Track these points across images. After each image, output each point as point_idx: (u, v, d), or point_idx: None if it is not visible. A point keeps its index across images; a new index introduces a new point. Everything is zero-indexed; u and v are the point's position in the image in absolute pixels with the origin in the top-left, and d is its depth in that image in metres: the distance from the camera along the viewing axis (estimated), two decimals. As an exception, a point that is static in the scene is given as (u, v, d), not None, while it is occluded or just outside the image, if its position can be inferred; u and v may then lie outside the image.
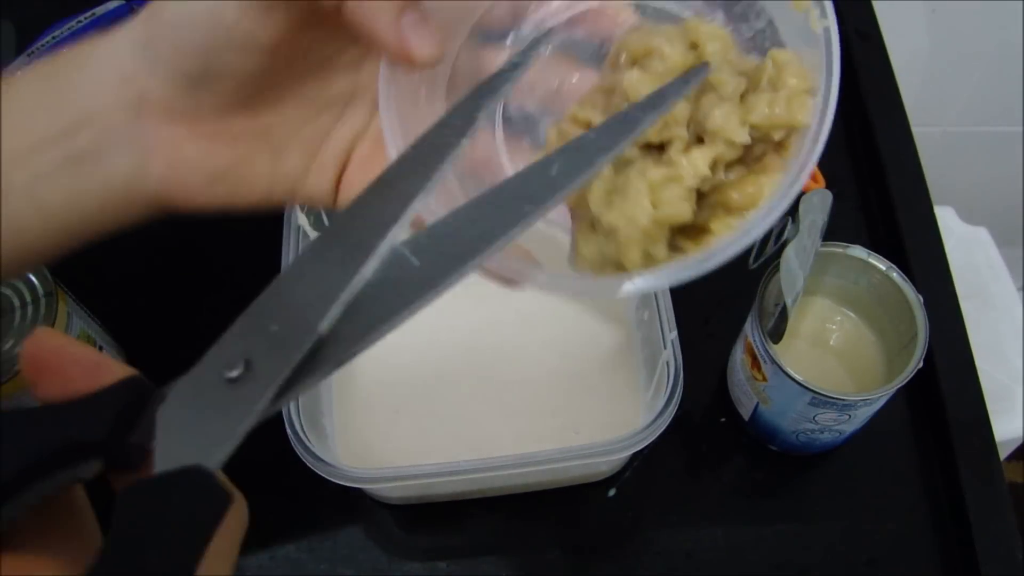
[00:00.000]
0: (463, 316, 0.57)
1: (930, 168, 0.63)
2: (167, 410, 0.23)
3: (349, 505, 0.52)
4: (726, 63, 0.32)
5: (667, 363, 0.47)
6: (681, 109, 0.31)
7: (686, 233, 0.32)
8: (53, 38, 0.63)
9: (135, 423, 0.23)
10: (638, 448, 0.45)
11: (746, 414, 0.53)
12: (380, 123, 0.31)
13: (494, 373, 0.55)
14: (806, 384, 0.46)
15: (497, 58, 0.36)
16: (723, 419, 0.56)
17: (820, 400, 0.46)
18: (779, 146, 0.31)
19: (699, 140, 0.31)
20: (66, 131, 0.29)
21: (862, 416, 0.49)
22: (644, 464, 0.54)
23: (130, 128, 0.29)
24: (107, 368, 0.24)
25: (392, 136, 0.31)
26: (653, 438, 0.45)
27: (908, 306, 0.48)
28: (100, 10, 0.64)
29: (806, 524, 0.52)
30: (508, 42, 0.37)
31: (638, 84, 0.31)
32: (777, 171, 0.31)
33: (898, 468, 0.54)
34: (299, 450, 0.44)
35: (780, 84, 0.30)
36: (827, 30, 0.30)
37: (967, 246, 0.91)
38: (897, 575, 0.51)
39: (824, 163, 0.64)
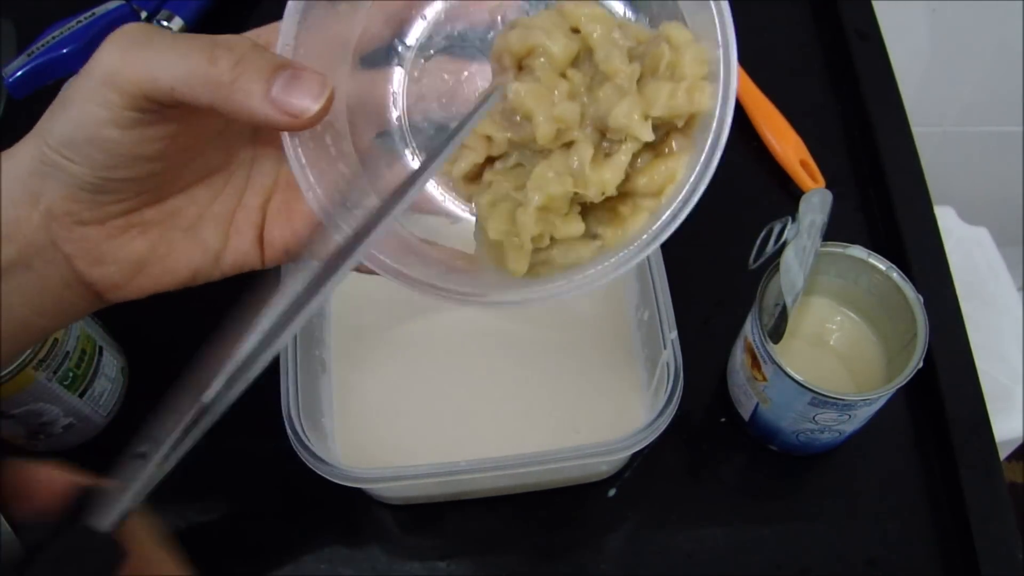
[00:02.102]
0: (463, 316, 0.57)
1: (930, 168, 0.63)
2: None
3: (349, 505, 0.52)
4: (614, 46, 0.31)
5: (667, 363, 0.47)
6: (571, 111, 0.30)
7: (602, 220, 0.32)
8: (53, 38, 0.63)
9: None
10: (638, 448, 0.45)
11: (746, 414, 0.53)
12: (291, 171, 0.31)
13: (494, 373, 0.55)
14: (806, 384, 0.46)
15: (389, 77, 0.36)
16: (723, 419, 0.56)
17: (820, 400, 0.46)
18: (684, 127, 0.31)
19: (602, 134, 0.31)
20: None
21: (862, 416, 0.49)
22: (644, 464, 0.54)
23: (47, 238, 0.30)
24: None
25: (306, 182, 0.31)
26: (653, 438, 0.45)
27: (908, 306, 0.48)
28: (100, 10, 0.65)
29: (806, 524, 0.52)
30: (393, 56, 0.36)
31: (524, 95, 0.31)
32: (684, 151, 0.31)
33: (898, 468, 0.54)
34: (299, 450, 0.44)
35: (679, 71, 0.30)
36: (717, 2, 0.30)
37: (967, 246, 0.91)
38: (897, 575, 0.51)
39: (824, 163, 0.64)
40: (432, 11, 0.36)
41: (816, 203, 0.48)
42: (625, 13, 0.34)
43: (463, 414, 0.54)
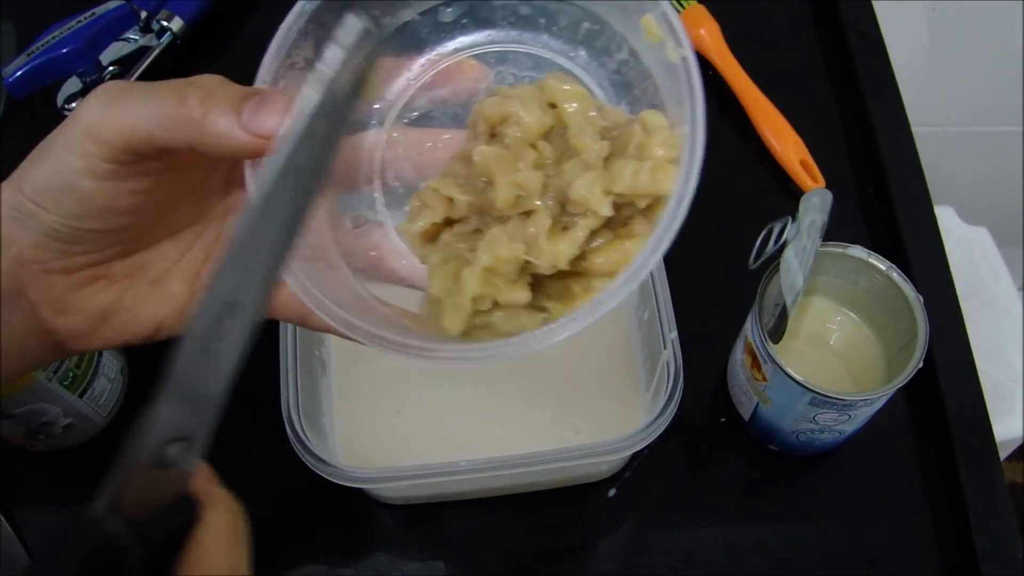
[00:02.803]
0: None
1: (930, 168, 0.63)
2: None
3: (349, 505, 0.52)
4: (588, 123, 0.31)
5: (667, 363, 0.47)
6: (533, 179, 0.30)
7: (552, 295, 0.31)
8: (53, 38, 0.63)
9: None
10: (638, 448, 0.45)
11: (746, 414, 0.53)
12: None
13: (494, 373, 0.55)
14: (806, 384, 0.46)
15: (368, 137, 0.35)
16: (723, 419, 0.56)
17: (820, 400, 0.46)
18: (646, 210, 0.31)
19: (563, 208, 0.31)
20: None
21: (862, 416, 0.49)
22: (644, 464, 0.54)
23: (15, 285, 0.30)
24: None
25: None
26: (653, 438, 0.45)
27: (908, 306, 0.48)
28: (100, 10, 0.65)
29: (806, 524, 0.52)
30: (374, 118, 0.36)
31: (490, 159, 0.30)
32: (644, 236, 0.30)
33: (898, 468, 0.54)
34: (299, 450, 0.44)
35: (647, 152, 0.30)
36: (685, 60, 0.30)
37: (967, 246, 0.91)
38: (897, 575, 0.51)
39: (824, 163, 0.64)
40: (417, 72, 0.36)
41: (816, 203, 0.48)
42: (606, 97, 0.34)
43: (463, 414, 0.54)
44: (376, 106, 0.36)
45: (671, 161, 0.30)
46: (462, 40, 0.35)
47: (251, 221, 0.26)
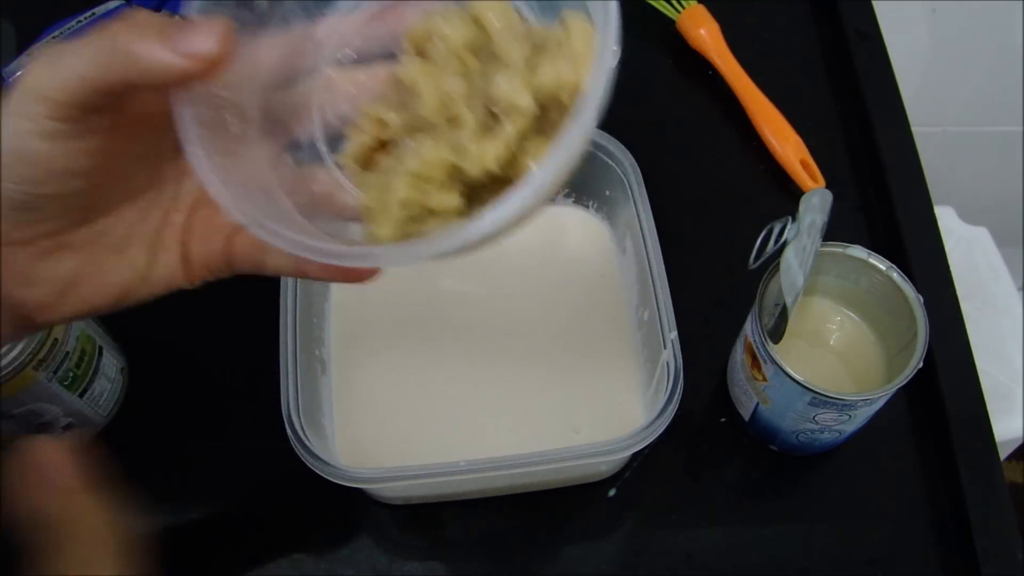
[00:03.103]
0: (463, 315, 0.57)
1: (930, 168, 0.63)
2: None
3: (349, 505, 0.52)
4: (512, 35, 0.30)
5: (667, 363, 0.47)
6: (457, 84, 0.30)
7: (487, 201, 0.31)
8: (53, 38, 0.63)
9: None
10: (638, 448, 0.45)
11: (746, 414, 0.53)
12: (192, 167, 0.30)
13: (494, 373, 0.55)
14: (806, 384, 0.46)
15: (307, 85, 0.35)
16: (723, 419, 0.56)
17: (820, 400, 0.46)
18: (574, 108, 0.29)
19: (492, 115, 0.30)
20: None
21: (862, 416, 0.49)
22: (644, 464, 0.54)
23: None
24: None
25: (213, 182, 0.30)
26: (653, 438, 0.45)
27: (908, 306, 0.48)
28: (100, 10, 0.65)
29: (806, 524, 0.52)
30: (310, 61, 0.35)
31: (415, 72, 0.31)
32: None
33: (898, 468, 0.54)
34: (299, 450, 0.44)
35: (566, 49, 0.29)
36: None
37: (967, 246, 0.91)
38: (897, 575, 0.51)
39: (824, 163, 0.64)
40: (351, 23, 0.35)
41: (816, 203, 0.48)
42: (534, 17, 0.33)
43: (463, 414, 0.54)
44: (312, 64, 0.35)
45: (590, 54, 0.29)
46: None
47: None
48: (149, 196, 0.35)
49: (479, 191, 0.31)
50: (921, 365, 0.46)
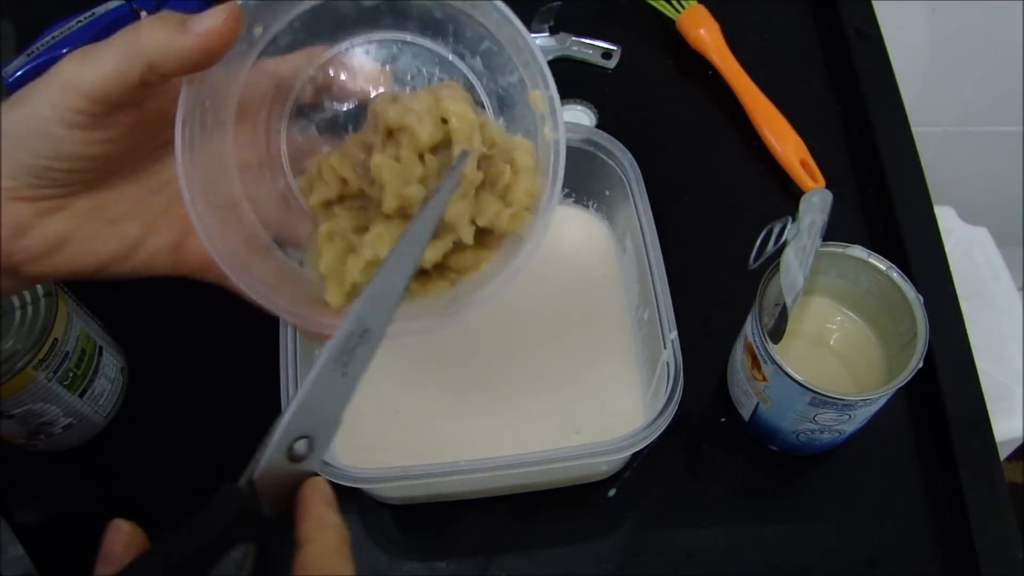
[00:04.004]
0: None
1: (930, 168, 0.63)
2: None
3: (349, 505, 0.52)
4: (472, 146, 0.36)
5: (667, 363, 0.47)
6: (417, 194, 0.36)
7: (415, 279, 0.38)
8: (53, 38, 0.63)
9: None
10: (638, 448, 0.45)
11: (746, 414, 0.53)
12: (176, 169, 0.34)
13: (494, 373, 0.55)
14: (806, 384, 0.46)
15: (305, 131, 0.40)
16: (723, 419, 0.56)
17: (820, 400, 0.46)
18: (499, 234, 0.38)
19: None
20: None
21: (862, 416, 0.49)
22: (644, 464, 0.54)
23: None
24: None
25: (189, 184, 0.34)
26: (653, 438, 0.45)
27: (908, 306, 0.48)
28: (100, 10, 0.65)
29: (806, 524, 0.52)
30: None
31: (384, 170, 0.36)
32: (492, 250, 0.38)
33: (898, 468, 0.54)
34: (299, 450, 0.44)
35: (511, 195, 0.37)
36: (556, 143, 0.37)
37: (967, 246, 0.91)
38: (897, 575, 0.51)
39: (824, 163, 0.64)
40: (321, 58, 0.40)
41: (816, 203, 0.48)
42: (489, 109, 0.40)
43: (463, 414, 0.54)
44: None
45: (527, 209, 0.37)
46: (373, 35, 0.40)
47: (386, 270, 0.32)
48: (155, 181, 0.37)
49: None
50: (921, 365, 0.46)
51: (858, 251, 0.50)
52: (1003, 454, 0.79)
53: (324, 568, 0.30)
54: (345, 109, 0.40)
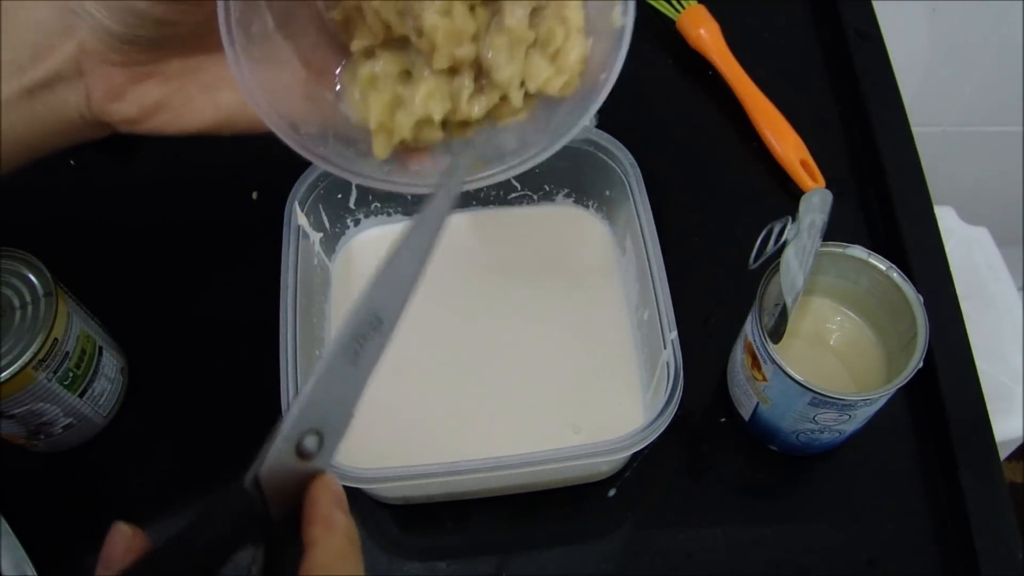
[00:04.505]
0: (463, 315, 0.57)
1: (930, 168, 0.63)
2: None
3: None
4: (521, 2, 0.35)
5: (667, 363, 0.47)
6: (468, 53, 0.35)
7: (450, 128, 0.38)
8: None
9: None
10: (638, 448, 0.45)
11: (746, 414, 0.53)
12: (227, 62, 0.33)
13: (494, 373, 0.55)
14: (806, 384, 0.46)
15: None
16: (723, 419, 0.56)
17: (820, 400, 0.46)
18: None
19: (481, 69, 0.36)
20: (23, 67, 0.34)
21: (862, 416, 0.49)
22: (644, 464, 0.54)
23: (75, 68, 0.34)
24: None
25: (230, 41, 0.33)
26: (653, 438, 0.45)
27: (908, 306, 0.48)
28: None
29: (806, 524, 0.52)
30: None
31: (438, 30, 0.35)
32: (530, 110, 0.38)
33: (898, 468, 0.54)
34: (299, 450, 0.44)
35: (560, 60, 0.36)
36: (623, 28, 0.35)
37: (967, 246, 0.91)
38: (897, 575, 0.51)
39: (824, 163, 0.64)
40: None
41: (816, 203, 0.48)
42: None
43: (463, 414, 0.54)
44: None
45: (579, 74, 0.36)
46: None
47: (397, 255, 0.30)
48: None
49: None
50: (921, 365, 0.46)
51: (858, 251, 0.50)
52: (1003, 454, 0.79)
53: (330, 571, 0.30)
54: None
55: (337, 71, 0.39)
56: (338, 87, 0.38)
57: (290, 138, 0.34)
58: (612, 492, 0.53)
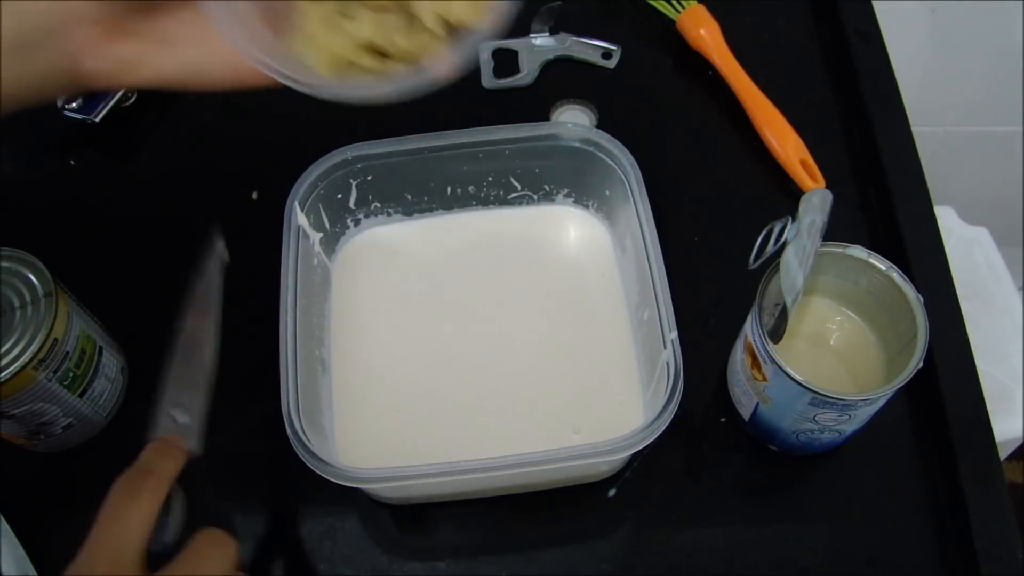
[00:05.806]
0: (463, 316, 0.57)
1: (930, 168, 0.63)
2: None
3: (349, 505, 0.52)
4: None
5: (667, 363, 0.47)
6: None
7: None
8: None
9: None
10: (638, 448, 0.45)
11: (746, 414, 0.53)
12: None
13: (494, 373, 0.55)
14: (806, 384, 0.46)
15: None
16: (723, 419, 0.56)
17: (820, 400, 0.46)
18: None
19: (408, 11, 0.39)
20: (11, 28, 0.37)
21: (862, 416, 0.49)
22: (644, 464, 0.54)
23: (60, 28, 0.37)
24: None
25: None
26: (653, 438, 0.45)
27: (908, 306, 0.48)
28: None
29: (806, 524, 0.52)
30: None
31: None
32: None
33: (898, 468, 0.54)
34: (299, 450, 0.44)
35: None
36: None
37: (967, 246, 0.91)
38: (897, 575, 0.51)
39: (824, 163, 0.64)
40: None
41: (816, 203, 0.48)
42: None
43: (463, 414, 0.54)
44: None
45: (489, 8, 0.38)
46: None
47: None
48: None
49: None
50: (921, 365, 0.46)
51: (858, 251, 0.50)
52: (1003, 454, 0.79)
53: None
54: None
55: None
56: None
57: (246, 52, 0.37)
58: (612, 492, 0.53)
